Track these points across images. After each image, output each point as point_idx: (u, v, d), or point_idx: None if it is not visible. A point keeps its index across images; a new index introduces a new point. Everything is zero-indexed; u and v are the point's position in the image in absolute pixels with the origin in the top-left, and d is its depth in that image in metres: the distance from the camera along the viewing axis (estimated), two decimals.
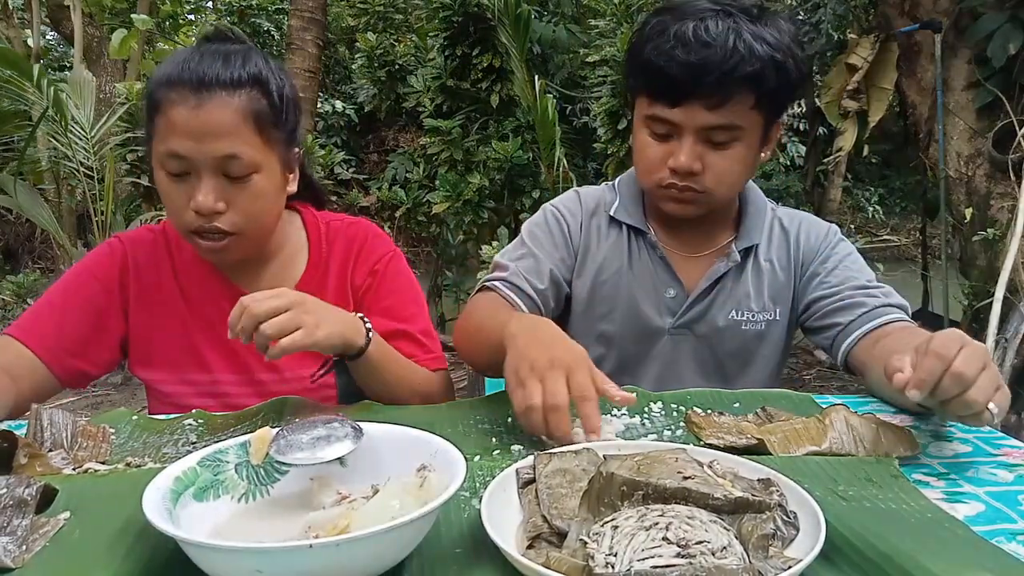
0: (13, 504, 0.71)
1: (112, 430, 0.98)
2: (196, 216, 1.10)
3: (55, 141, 4.50)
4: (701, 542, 0.59)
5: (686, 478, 0.67)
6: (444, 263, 5.32)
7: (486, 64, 4.51)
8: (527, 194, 4.53)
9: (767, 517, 0.65)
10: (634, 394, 0.96)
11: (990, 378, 0.83)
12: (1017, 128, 3.09)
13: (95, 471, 0.87)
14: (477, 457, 0.89)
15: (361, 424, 0.80)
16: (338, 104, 8.40)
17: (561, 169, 4.05)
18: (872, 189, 9.48)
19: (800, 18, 4.44)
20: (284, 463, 0.77)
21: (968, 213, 3.34)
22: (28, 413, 0.95)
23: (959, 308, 3.61)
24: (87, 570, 0.64)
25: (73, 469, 0.87)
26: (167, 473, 0.71)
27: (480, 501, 0.69)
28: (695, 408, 1.03)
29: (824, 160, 4.64)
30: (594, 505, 0.67)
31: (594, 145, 4.57)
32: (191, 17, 9.81)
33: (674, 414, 1.03)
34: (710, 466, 0.73)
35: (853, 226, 8.99)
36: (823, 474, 0.83)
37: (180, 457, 0.79)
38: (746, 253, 1.32)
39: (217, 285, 1.24)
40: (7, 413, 1.05)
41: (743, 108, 1.17)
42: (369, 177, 8.11)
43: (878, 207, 9.41)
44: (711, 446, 0.87)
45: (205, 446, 0.80)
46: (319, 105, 6.74)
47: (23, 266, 7.31)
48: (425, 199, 4.85)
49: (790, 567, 0.58)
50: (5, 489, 0.73)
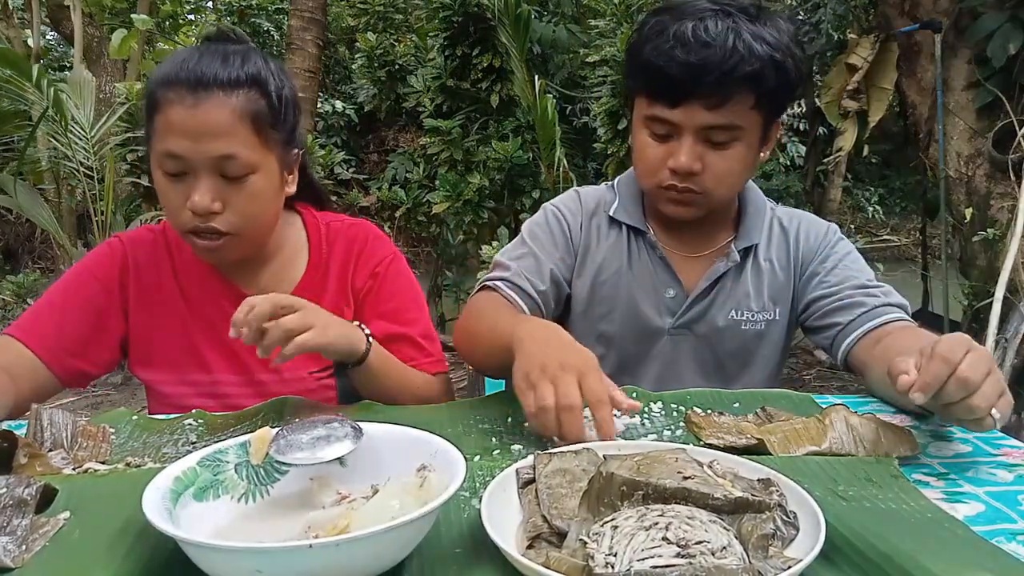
0: (13, 504, 0.71)
1: (112, 430, 0.99)
2: (193, 216, 1.10)
3: (55, 141, 4.49)
4: (701, 542, 0.59)
5: (686, 478, 0.67)
6: (444, 263, 5.32)
7: (486, 64, 4.51)
8: (527, 194, 4.53)
9: (767, 517, 0.65)
10: (636, 399, 0.96)
11: (994, 384, 0.83)
12: (1017, 128, 3.09)
13: (95, 471, 0.87)
14: (477, 457, 0.89)
15: (361, 424, 0.80)
16: (338, 104, 8.40)
17: (561, 169, 4.05)
18: (872, 189, 9.48)
19: (800, 18, 4.44)
20: (284, 463, 0.77)
21: (968, 213, 3.34)
22: (28, 413, 0.95)
23: (959, 308, 3.61)
24: (87, 570, 0.64)
25: (73, 469, 0.87)
26: (167, 473, 0.71)
27: (480, 501, 0.69)
28: (695, 408, 1.03)
29: (824, 160, 4.64)
30: (594, 505, 0.67)
31: (594, 145, 4.57)
32: (191, 17, 9.82)
33: (674, 414, 1.03)
34: (710, 466, 0.73)
35: (853, 226, 8.99)
36: (823, 474, 0.83)
37: (180, 457, 0.79)
38: (745, 253, 1.32)
39: (217, 285, 1.24)
40: (7, 413, 1.05)
41: (743, 108, 1.17)
42: (369, 177, 8.10)
43: (878, 207, 9.41)
44: (711, 446, 0.87)
45: (205, 446, 0.80)
46: (319, 105, 6.74)
47: (23, 266, 7.31)
48: (425, 199, 4.85)
49: (790, 567, 0.58)
50: (5, 489, 0.73)
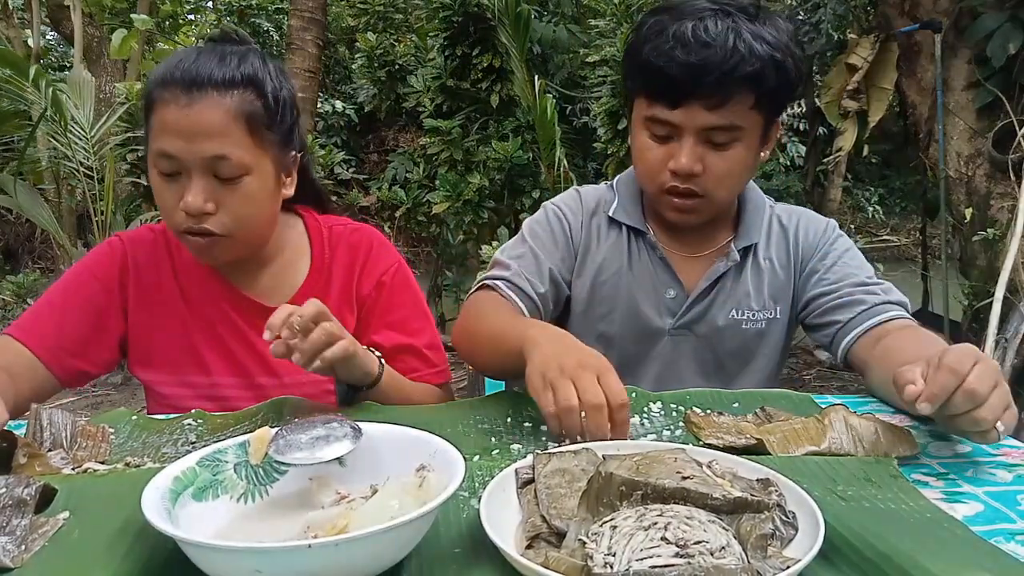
0: (12, 504, 0.71)
1: (111, 430, 0.99)
2: (186, 217, 1.10)
3: (55, 141, 4.50)
4: (700, 542, 0.59)
5: (685, 478, 0.67)
6: (444, 263, 5.32)
7: (486, 64, 4.51)
8: (527, 194, 4.53)
9: (766, 517, 0.65)
10: (636, 399, 0.96)
11: (1001, 396, 0.83)
12: (1017, 128, 3.09)
13: (94, 471, 0.87)
14: (476, 457, 0.89)
15: (360, 424, 0.80)
16: (338, 104, 8.39)
17: (561, 169, 4.05)
18: (872, 189, 9.47)
19: (800, 18, 4.44)
20: (283, 463, 0.77)
21: (968, 213, 3.35)
22: (27, 413, 0.95)
23: (959, 308, 3.61)
24: (86, 570, 0.64)
25: (72, 469, 0.87)
26: (166, 473, 0.71)
27: (479, 501, 0.69)
28: (694, 408, 1.03)
29: (824, 160, 4.64)
30: (593, 505, 0.67)
31: (594, 145, 4.57)
32: (191, 17, 9.82)
33: (673, 414, 1.03)
34: (709, 466, 0.73)
35: (853, 226, 8.98)
36: (822, 474, 0.83)
37: (179, 457, 0.79)
38: (745, 252, 1.32)
39: (217, 287, 1.24)
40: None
41: (743, 108, 1.17)
42: (369, 177, 8.10)
43: (878, 207, 9.40)
44: (710, 446, 0.87)
45: (204, 446, 0.80)
46: (319, 105, 6.74)
47: (23, 266, 7.31)
48: (425, 199, 4.84)
49: (789, 567, 0.58)
50: (4, 489, 0.73)
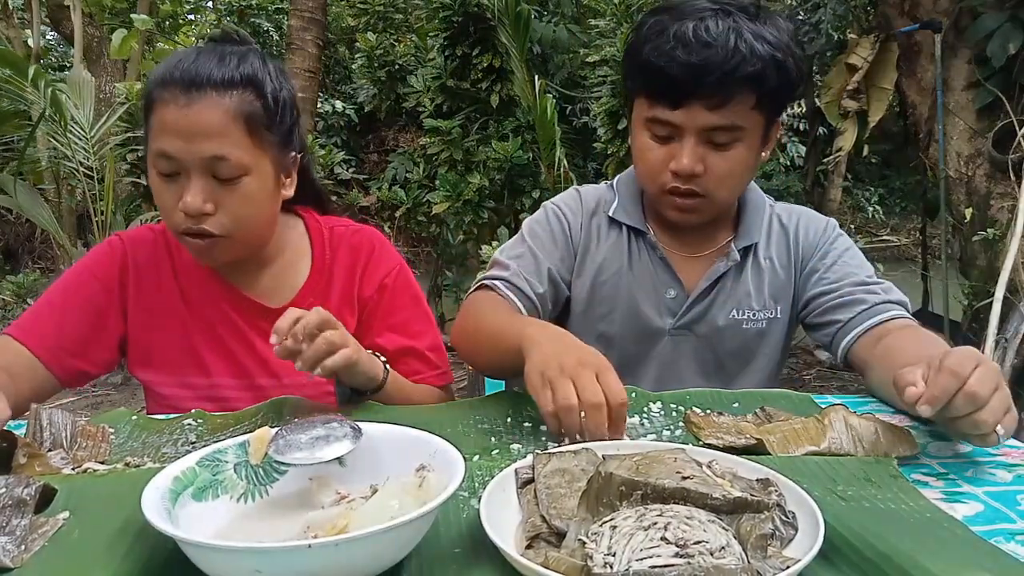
0: (12, 504, 0.71)
1: (111, 430, 0.98)
2: (185, 217, 1.09)
3: (55, 141, 4.50)
4: (699, 542, 0.59)
5: (685, 478, 0.67)
6: (444, 263, 5.32)
7: (486, 64, 4.51)
8: (527, 194, 4.53)
9: (766, 517, 0.65)
10: (636, 399, 0.96)
11: (1001, 400, 0.83)
12: (1017, 128, 3.09)
13: (94, 471, 0.87)
14: (476, 457, 0.89)
15: (360, 424, 0.80)
16: (338, 104, 8.39)
17: (561, 169, 4.05)
18: (872, 189, 9.47)
19: (800, 18, 4.44)
20: (283, 463, 0.77)
21: (968, 213, 3.35)
22: (27, 413, 0.95)
23: (959, 308, 3.61)
24: (86, 570, 0.64)
25: (72, 469, 0.87)
26: (166, 473, 0.71)
27: (479, 501, 0.69)
28: (694, 408, 1.03)
29: (824, 160, 4.64)
30: (593, 505, 0.67)
31: (594, 145, 4.57)
32: (191, 17, 9.82)
33: (673, 414, 1.03)
34: (709, 466, 0.73)
35: (853, 226, 8.98)
36: (822, 474, 0.83)
37: (179, 457, 0.79)
38: (745, 252, 1.32)
39: (217, 288, 1.24)
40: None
41: (744, 108, 1.17)
42: (369, 177, 8.09)
43: (878, 207, 9.40)
44: (710, 446, 0.87)
45: (204, 446, 0.80)
46: (319, 105, 6.74)
47: (23, 266, 7.30)
48: (425, 199, 4.84)
49: (788, 567, 0.58)
50: (4, 489, 0.73)
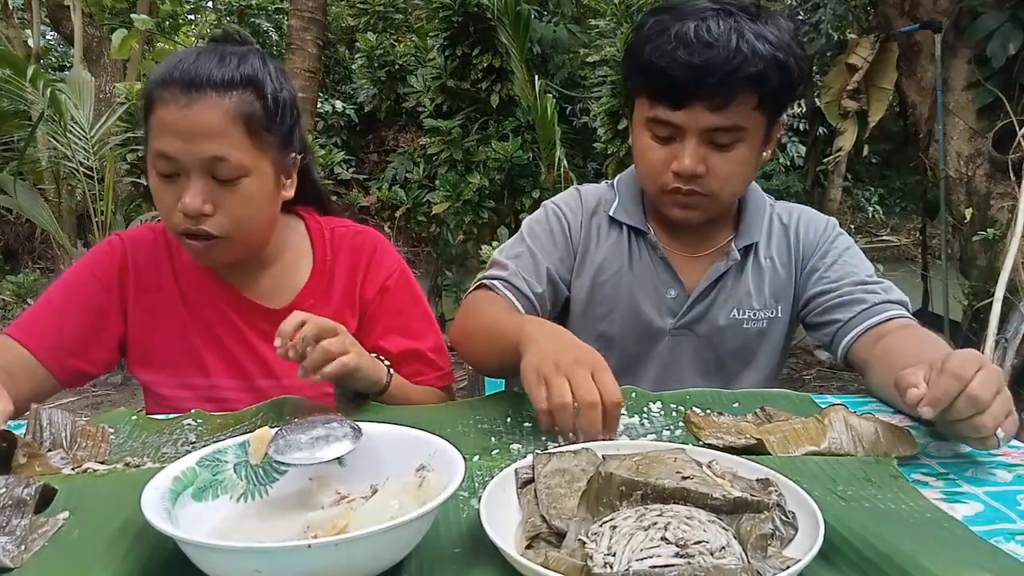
0: (12, 504, 0.71)
1: (111, 430, 0.98)
2: (184, 218, 1.09)
3: (55, 141, 4.50)
4: (700, 542, 0.59)
5: (685, 478, 0.67)
6: (444, 263, 5.32)
7: (486, 64, 4.50)
8: (527, 194, 4.53)
9: (766, 517, 0.65)
10: (636, 399, 0.96)
11: (1003, 403, 0.83)
12: (1017, 128, 3.09)
13: (94, 471, 0.87)
14: (476, 457, 0.89)
15: (360, 424, 0.80)
16: (338, 104, 8.39)
17: (561, 169, 4.05)
18: (872, 189, 9.47)
19: (800, 18, 4.44)
20: (283, 463, 0.77)
21: (968, 213, 3.35)
22: (27, 413, 0.95)
23: (959, 308, 3.61)
24: (86, 570, 0.64)
25: (72, 469, 0.87)
26: (166, 473, 0.71)
27: (479, 501, 0.69)
28: (694, 408, 1.02)
29: (824, 160, 4.64)
30: (593, 505, 0.67)
31: (594, 145, 4.57)
32: (191, 17, 9.82)
33: (673, 414, 1.03)
34: (709, 466, 0.73)
35: (853, 226, 8.98)
36: (822, 474, 0.83)
37: (179, 457, 0.79)
38: (746, 251, 1.32)
39: (217, 288, 1.24)
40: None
41: (746, 108, 1.17)
42: (369, 177, 8.09)
43: (878, 207, 9.40)
44: (710, 446, 0.87)
45: (204, 446, 0.80)
46: (319, 105, 6.74)
47: (23, 266, 7.30)
48: (425, 199, 4.84)
49: (788, 567, 0.58)
50: (4, 489, 0.73)
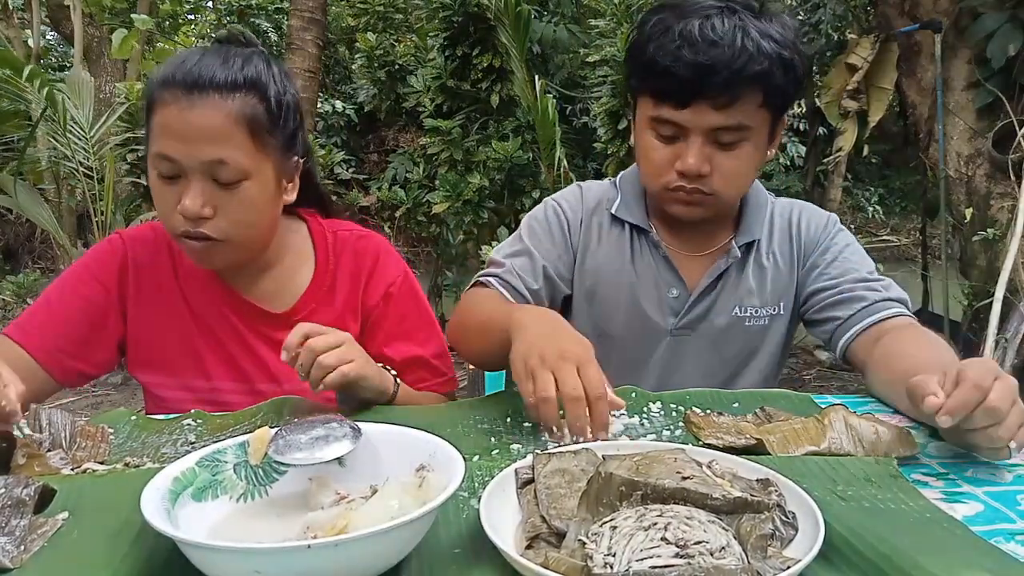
0: (11, 504, 0.71)
1: (111, 430, 0.98)
2: (183, 220, 1.09)
3: (55, 141, 4.50)
4: (700, 542, 0.59)
5: (685, 478, 0.67)
6: (444, 263, 5.32)
7: (486, 64, 4.50)
8: (527, 194, 4.53)
9: (766, 517, 0.64)
10: (636, 399, 0.96)
11: (1018, 415, 0.82)
12: (1017, 128, 3.09)
13: (93, 471, 0.87)
14: (476, 457, 0.89)
15: (360, 424, 0.80)
16: (338, 104, 8.38)
17: (561, 169, 4.05)
18: (872, 189, 9.46)
19: (800, 18, 4.44)
20: (283, 463, 0.77)
21: (968, 213, 3.35)
22: (27, 413, 0.95)
23: (959, 308, 3.61)
24: (85, 570, 0.64)
25: (71, 469, 0.87)
26: (166, 473, 0.71)
27: (479, 501, 0.69)
28: (694, 408, 1.02)
29: (824, 160, 4.64)
30: (593, 505, 0.67)
31: (594, 145, 4.57)
32: (191, 17, 9.82)
33: (673, 414, 1.03)
34: (709, 466, 0.73)
35: (853, 226, 8.97)
36: (822, 474, 0.83)
37: (179, 457, 0.79)
38: (747, 249, 1.31)
39: (218, 291, 1.23)
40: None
41: (751, 107, 1.16)
42: (369, 177, 8.09)
43: (878, 207, 9.40)
44: (710, 446, 0.87)
45: (204, 446, 0.80)
46: (319, 105, 6.74)
47: (23, 266, 7.30)
48: (425, 199, 4.84)
49: (789, 567, 0.58)
50: (3, 489, 0.73)
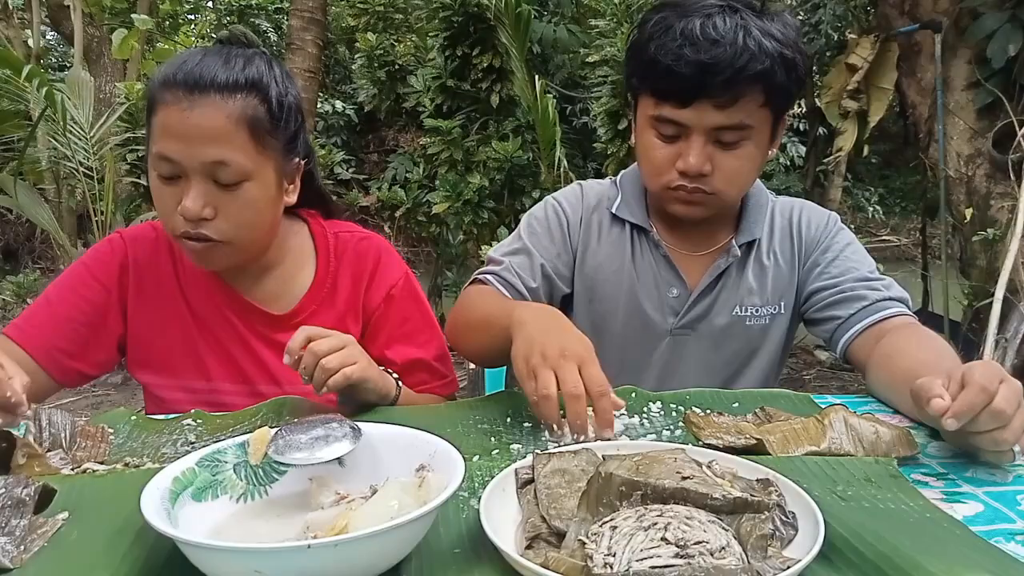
0: (11, 504, 0.71)
1: (111, 430, 0.98)
2: (184, 221, 1.08)
3: (55, 141, 4.50)
4: (700, 542, 0.59)
5: (685, 478, 0.67)
6: (444, 263, 5.32)
7: (486, 64, 4.50)
8: (527, 194, 4.53)
9: (766, 517, 0.64)
10: (635, 399, 0.96)
11: (1022, 418, 0.82)
12: (1017, 128, 3.09)
13: (93, 471, 0.86)
14: (476, 457, 0.89)
15: (360, 424, 0.80)
16: (338, 104, 8.39)
17: (561, 169, 4.05)
18: (872, 189, 9.46)
19: (800, 18, 4.45)
20: (282, 463, 0.77)
21: (968, 213, 3.35)
22: (28, 412, 0.95)
23: (959, 308, 3.61)
24: (85, 570, 0.64)
25: (71, 469, 0.87)
26: (166, 473, 0.71)
27: (479, 501, 0.69)
28: (694, 408, 1.02)
29: (824, 160, 4.64)
30: (593, 505, 0.67)
31: (594, 145, 4.57)
32: (191, 17, 9.82)
33: (673, 414, 1.03)
34: (709, 466, 0.73)
35: (853, 226, 8.91)
36: (822, 474, 0.83)
37: (179, 457, 0.79)
38: (748, 248, 1.31)
39: (219, 292, 1.23)
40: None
41: (753, 106, 1.16)
42: (369, 177, 8.09)
43: (878, 207, 9.40)
44: (710, 446, 0.87)
45: (204, 446, 0.80)
46: (319, 105, 6.74)
47: (23, 266, 7.31)
48: (425, 199, 4.84)
49: (789, 567, 0.58)
50: (3, 489, 0.72)
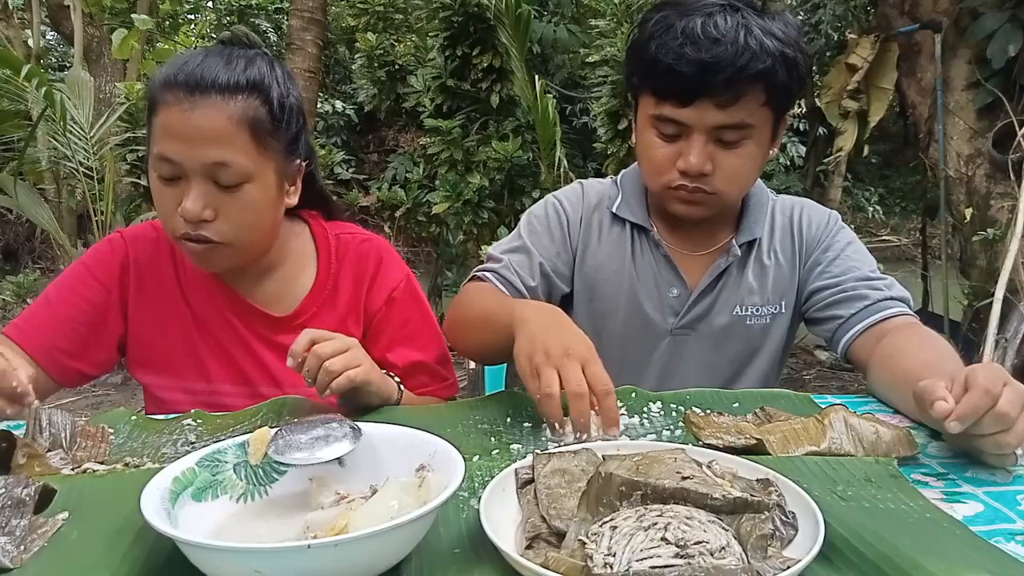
0: (11, 504, 0.71)
1: (111, 430, 0.98)
2: (184, 222, 1.08)
3: (55, 141, 4.50)
4: (700, 542, 0.59)
5: (685, 478, 0.67)
6: (444, 263, 5.32)
7: (486, 64, 4.50)
8: (527, 194, 4.53)
9: (766, 517, 0.64)
10: (636, 399, 0.96)
11: None
12: (1017, 128, 3.09)
13: (93, 471, 0.86)
14: (476, 457, 0.89)
15: (360, 424, 0.80)
16: (338, 104, 8.38)
17: (561, 169, 4.05)
18: (872, 189, 9.46)
19: (800, 18, 4.45)
20: (283, 463, 0.77)
21: (968, 213, 3.35)
22: (27, 413, 0.95)
23: (959, 308, 3.61)
24: (85, 570, 0.64)
25: (72, 469, 0.87)
26: (166, 473, 0.71)
27: (479, 501, 0.69)
28: (694, 408, 1.03)
29: (824, 160, 4.64)
30: (593, 505, 0.67)
31: (594, 145, 4.57)
32: (191, 17, 9.82)
33: (673, 414, 1.03)
34: (709, 466, 0.73)
35: (853, 226, 8.91)
36: (822, 474, 0.83)
37: (179, 457, 0.79)
38: (748, 247, 1.31)
39: (219, 293, 1.23)
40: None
41: (754, 105, 1.16)
42: (369, 177, 8.09)
43: (878, 207, 9.40)
44: (710, 446, 0.87)
45: (204, 446, 0.80)
46: (319, 105, 6.74)
47: (23, 266, 7.31)
48: (425, 199, 4.84)
49: (789, 567, 0.58)
50: (3, 489, 0.72)
